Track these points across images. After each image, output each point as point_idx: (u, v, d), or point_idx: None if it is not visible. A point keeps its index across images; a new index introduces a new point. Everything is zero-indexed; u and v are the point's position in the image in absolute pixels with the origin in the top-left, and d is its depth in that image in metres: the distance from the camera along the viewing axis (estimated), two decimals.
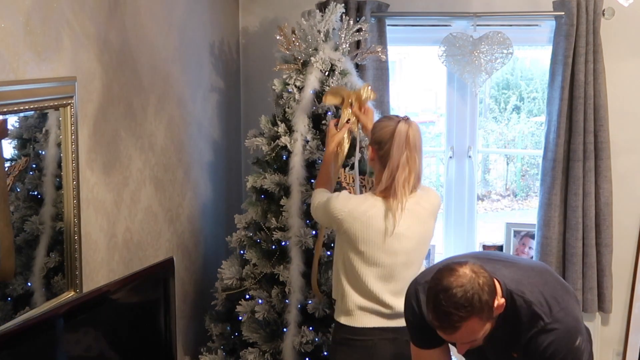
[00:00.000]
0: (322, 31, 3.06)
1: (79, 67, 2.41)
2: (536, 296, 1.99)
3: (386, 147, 2.39)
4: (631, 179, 3.64)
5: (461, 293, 1.84)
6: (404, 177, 2.37)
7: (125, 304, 2.48)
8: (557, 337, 1.97)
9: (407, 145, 2.37)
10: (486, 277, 1.89)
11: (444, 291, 1.85)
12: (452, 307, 1.84)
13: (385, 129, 2.41)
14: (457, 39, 3.58)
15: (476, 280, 1.86)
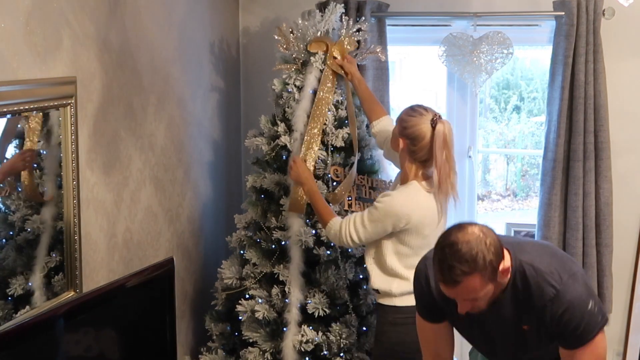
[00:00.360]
0: (321, 31, 3.06)
1: (79, 67, 2.41)
2: (545, 265, 2.01)
3: (421, 145, 2.52)
4: (631, 179, 3.64)
5: (466, 249, 1.87)
6: (445, 174, 2.51)
7: (125, 304, 2.48)
8: (571, 304, 1.98)
9: (446, 146, 2.51)
10: (494, 239, 1.93)
11: (449, 245, 1.90)
12: (455, 260, 1.87)
13: (419, 126, 2.52)
14: (457, 39, 3.58)
15: (483, 239, 1.89)
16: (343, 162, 3.02)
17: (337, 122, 3.04)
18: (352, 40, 3.07)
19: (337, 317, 3.00)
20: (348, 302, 2.99)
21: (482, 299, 1.97)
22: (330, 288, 2.96)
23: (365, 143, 3.10)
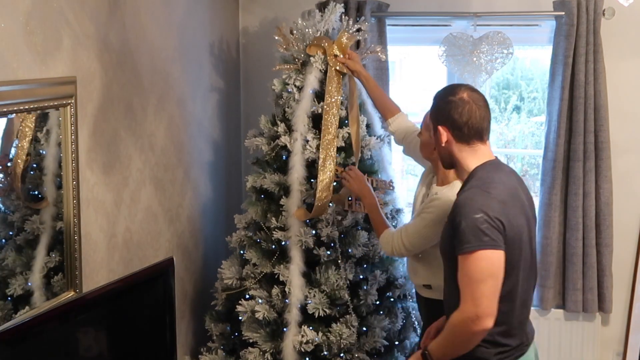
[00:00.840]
0: (321, 31, 3.05)
1: (79, 67, 2.41)
2: (488, 179, 2.16)
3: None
4: (631, 178, 3.64)
5: (443, 90, 2.26)
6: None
7: (125, 304, 2.48)
8: (461, 202, 2.10)
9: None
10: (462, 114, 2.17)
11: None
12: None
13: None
14: (457, 38, 3.58)
15: (463, 102, 2.17)
16: (343, 162, 3.02)
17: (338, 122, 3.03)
18: (350, 35, 3.04)
19: (337, 317, 3.00)
20: (348, 303, 2.99)
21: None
22: (331, 288, 2.95)
23: (365, 143, 3.09)
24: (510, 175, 2.25)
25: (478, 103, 2.19)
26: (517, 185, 2.23)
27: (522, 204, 2.20)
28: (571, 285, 3.59)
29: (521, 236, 2.13)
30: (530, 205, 2.28)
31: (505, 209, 2.09)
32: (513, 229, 2.10)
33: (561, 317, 3.70)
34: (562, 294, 3.66)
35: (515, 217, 2.12)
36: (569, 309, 3.62)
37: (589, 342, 3.70)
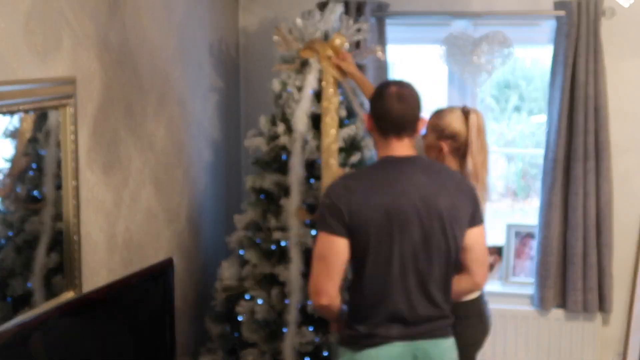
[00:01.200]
0: (321, 31, 3.05)
1: (78, 67, 2.40)
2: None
3: (462, 140, 2.63)
4: (632, 179, 3.64)
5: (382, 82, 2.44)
6: (479, 162, 2.62)
7: (125, 304, 2.48)
8: (332, 182, 2.40)
9: (480, 134, 2.63)
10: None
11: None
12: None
13: (455, 123, 2.63)
14: (458, 38, 3.58)
15: (386, 95, 2.27)
16: (343, 162, 3.02)
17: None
18: (343, 37, 3.01)
19: None
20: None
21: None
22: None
23: (365, 143, 3.09)
24: (407, 175, 2.25)
25: (402, 99, 2.25)
26: (411, 185, 2.23)
27: (400, 204, 2.19)
28: (571, 285, 3.58)
29: (371, 230, 2.18)
30: (431, 209, 2.22)
31: (353, 199, 2.19)
32: (360, 221, 2.18)
33: (561, 317, 3.70)
34: (563, 294, 3.66)
35: (370, 211, 2.18)
36: (569, 309, 3.62)
37: (589, 342, 3.70)
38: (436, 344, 2.28)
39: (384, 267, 2.21)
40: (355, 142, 3.08)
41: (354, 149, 3.07)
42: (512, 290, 3.82)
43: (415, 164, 2.29)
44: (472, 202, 2.32)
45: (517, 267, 3.87)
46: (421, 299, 2.25)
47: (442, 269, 2.26)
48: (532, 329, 3.75)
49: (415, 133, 2.31)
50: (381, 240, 2.19)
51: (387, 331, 2.24)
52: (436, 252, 2.24)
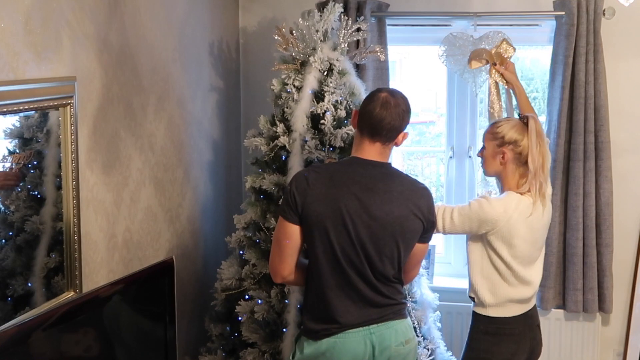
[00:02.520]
0: (320, 31, 3.05)
1: (78, 67, 2.40)
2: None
3: (523, 144, 2.66)
4: (632, 179, 3.64)
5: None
6: (538, 165, 2.64)
7: (125, 304, 2.48)
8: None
9: (540, 138, 2.66)
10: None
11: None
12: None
13: (513, 129, 2.67)
14: (458, 38, 3.57)
15: (375, 98, 2.41)
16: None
17: (337, 122, 3.03)
18: (508, 45, 3.15)
19: None
20: None
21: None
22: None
23: None
24: (367, 178, 2.36)
25: (387, 105, 2.37)
26: (367, 189, 2.34)
27: (352, 205, 2.32)
28: (571, 286, 3.58)
29: (320, 224, 2.32)
30: (382, 215, 2.34)
31: (309, 192, 2.33)
32: (311, 213, 2.32)
33: (561, 317, 3.70)
34: (563, 294, 3.66)
35: (321, 206, 2.32)
36: (569, 309, 3.62)
37: (589, 343, 3.70)
38: (388, 325, 2.42)
39: (332, 260, 2.36)
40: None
41: None
42: None
43: (379, 169, 2.41)
44: (430, 221, 2.45)
45: None
46: (370, 292, 2.39)
47: (391, 270, 2.41)
48: None
49: (391, 142, 2.42)
50: (329, 235, 2.33)
51: (341, 319, 2.37)
52: (386, 254, 2.37)
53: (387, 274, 2.40)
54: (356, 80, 3.13)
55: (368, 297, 2.39)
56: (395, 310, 2.45)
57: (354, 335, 2.38)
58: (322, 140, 3.00)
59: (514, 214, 2.62)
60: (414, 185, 2.46)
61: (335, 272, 2.37)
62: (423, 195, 2.44)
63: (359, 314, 2.39)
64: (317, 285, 2.41)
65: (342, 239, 2.34)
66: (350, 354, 2.37)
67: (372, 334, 2.39)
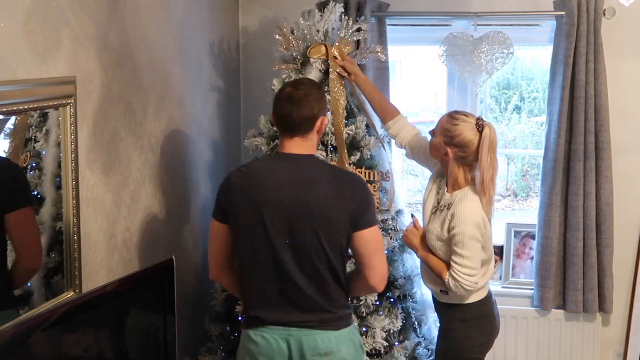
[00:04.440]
0: (321, 31, 3.05)
1: (78, 67, 2.40)
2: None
3: (470, 150, 2.62)
4: (632, 179, 3.64)
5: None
6: (488, 177, 2.61)
7: (125, 304, 2.48)
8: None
9: (492, 149, 2.61)
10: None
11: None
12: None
13: (466, 133, 2.61)
14: (458, 38, 3.58)
15: (281, 95, 2.40)
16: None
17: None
18: (347, 41, 3.08)
19: None
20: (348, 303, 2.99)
21: None
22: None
23: (365, 143, 3.09)
24: (287, 170, 2.35)
25: (292, 101, 2.35)
26: (286, 182, 2.34)
27: (269, 198, 2.32)
28: (571, 286, 3.58)
29: (240, 220, 2.35)
30: (302, 207, 2.31)
31: (231, 188, 2.38)
32: (232, 210, 2.36)
33: (561, 318, 3.70)
34: (563, 294, 3.66)
35: (240, 202, 2.35)
36: (569, 310, 3.62)
37: (589, 343, 3.70)
38: (310, 334, 2.37)
39: (253, 255, 2.37)
40: (355, 142, 3.07)
41: (353, 148, 3.07)
42: (512, 291, 3.82)
43: (301, 161, 2.38)
44: (357, 205, 2.34)
45: (517, 267, 3.87)
46: (293, 291, 2.36)
47: (316, 266, 2.35)
48: (532, 329, 3.75)
49: (309, 133, 2.39)
50: (249, 231, 2.35)
51: (263, 315, 2.39)
52: (306, 250, 2.33)
53: (316, 270, 2.35)
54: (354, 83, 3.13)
55: (292, 299, 2.36)
56: (322, 318, 2.38)
57: (272, 332, 2.38)
58: (322, 140, 3.00)
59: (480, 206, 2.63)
60: (338, 174, 2.43)
61: (260, 269, 2.37)
62: (347, 184, 2.37)
63: (279, 313, 2.37)
64: (245, 280, 2.44)
65: (262, 235, 2.33)
66: (268, 349, 2.38)
67: (290, 336, 2.37)
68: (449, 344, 2.75)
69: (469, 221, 2.58)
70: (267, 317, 2.39)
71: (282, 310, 2.38)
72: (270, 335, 2.39)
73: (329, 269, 2.37)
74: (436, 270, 2.69)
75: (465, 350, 2.72)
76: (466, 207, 2.61)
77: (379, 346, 2.99)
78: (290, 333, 2.37)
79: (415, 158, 3.01)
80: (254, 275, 2.40)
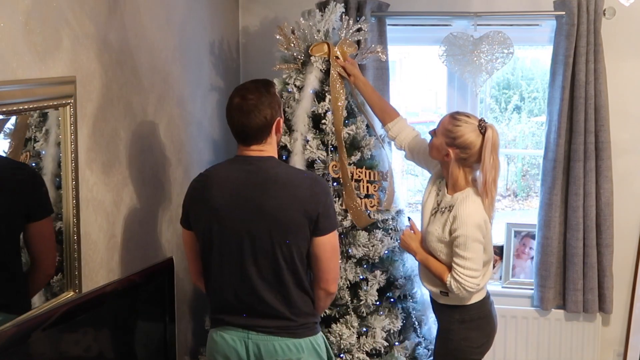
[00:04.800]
0: (321, 31, 3.05)
1: (78, 67, 2.40)
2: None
3: (472, 152, 2.61)
4: (632, 179, 3.64)
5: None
6: (490, 179, 2.60)
7: (125, 304, 2.48)
8: None
9: (494, 150, 2.60)
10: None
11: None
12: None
13: (468, 134, 2.60)
14: (458, 38, 3.58)
15: (230, 107, 2.38)
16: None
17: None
18: (350, 42, 3.09)
19: (337, 317, 3.00)
20: (348, 303, 2.99)
21: None
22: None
23: (366, 143, 3.09)
24: (245, 174, 2.33)
25: (243, 110, 2.31)
26: (241, 185, 2.31)
27: (224, 202, 2.30)
28: (572, 286, 3.58)
29: (199, 225, 2.36)
30: (257, 210, 2.28)
31: (193, 194, 2.39)
32: (192, 215, 2.39)
33: (561, 318, 3.70)
34: (563, 294, 3.66)
35: (199, 206, 2.36)
36: (569, 310, 3.62)
37: (589, 343, 3.69)
38: (268, 340, 2.35)
39: (212, 260, 2.38)
40: (355, 142, 3.07)
41: (353, 148, 3.07)
42: (512, 291, 3.82)
43: (258, 163, 2.34)
44: (316, 208, 2.29)
45: (517, 267, 3.87)
46: (250, 295, 2.34)
47: (275, 271, 2.30)
48: (532, 329, 3.75)
49: (267, 138, 2.36)
50: (206, 235, 2.35)
51: (224, 317, 2.40)
52: (264, 254, 2.29)
53: (276, 273, 2.30)
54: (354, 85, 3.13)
55: (251, 303, 2.34)
56: (281, 325, 2.35)
57: (232, 333, 2.38)
58: (323, 140, 3.01)
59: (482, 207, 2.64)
60: (296, 175, 2.37)
61: (221, 273, 2.36)
62: (303, 185, 2.31)
63: (239, 317, 2.37)
64: (208, 283, 2.44)
65: (219, 240, 2.32)
66: (225, 348, 2.38)
67: (249, 339, 2.36)
68: (448, 345, 2.76)
69: (471, 223, 2.58)
70: (227, 319, 2.39)
71: (242, 314, 2.37)
72: (229, 336, 2.39)
73: (290, 274, 2.32)
74: (437, 273, 2.69)
75: (465, 352, 2.72)
76: (468, 208, 2.61)
77: (379, 346, 2.99)
78: (249, 336, 2.36)
79: (415, 159, 3.00)
80: (215, 279, 2.39)
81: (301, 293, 2.37)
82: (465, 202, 2.62)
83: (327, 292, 2.42)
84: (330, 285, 2.40)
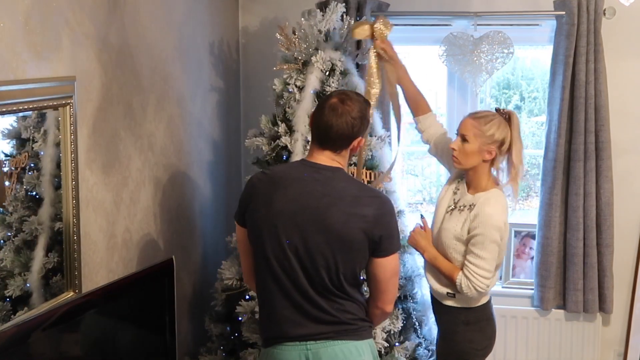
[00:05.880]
0: (322, 31, 3.05)
1: (78, 67, 2.40)
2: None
3: (507, 143, 2.63)
4: (632, 179, 3.64)
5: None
6: (520, 161, 2.65)
7: (125, 304, 2.48)
8: None
9: (519, 133, 2.65)
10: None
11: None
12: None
13: (502, 126, 2.62)
14: (458, 38, 3.57)
15: (324, 106, 2.26)
16: None
17: None
18: (386, 21, 2.88)
19: None
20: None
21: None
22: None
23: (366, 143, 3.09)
24: (310, 182, 2.22)
25: (336, 112, 2.21)
26: (306, 193, 2.21)
27: (287, 208, 2.19)
28: (572, 286, 3.58)
29: (256, 227, 2.25)
30: (319, 222, 2.19)
31: (253, 192, 2.28)
32: (250, 215, 2.27)
33: (562, 318, 3.70)
34: (563, 294, 3.65)
35: (258, 207, 2.24)
36: (569, 310, 3.62)
37: (589, 343, 3.69)
38: (326, 344, 2.23)
39: (266, 264, 2.24)
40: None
41: None
42: (512, 291, 3.82)
43: (325, 173, 2.24)
44: (378, 228, 2.21)
45: (517, 267, 3.86)
46: (307, 305, 2.23)
47: (329, 281, 2.21)
48: (532, 329, 3.74)
49: (343, 150, 2.26)
50: (264, 240, 2.22)
51: (279, 331, 2.26)
52: (317, 266, 2.19)
53: (327, 286, 2.21)
54: (358, 80, 3.13)
55: (306, 310, 2.22)
56: (339, 329, 2.24)
57: (289, 348, 2.24)
58: None
59: (506, 207, 2.66)
60: (362, 192, 2.25)
61: (273, 280, 2.23)
62: (370, 204, 2.22)
63: (295, 327, 2.24)
64: (260, 292, 2.32)
65: (275, 245, 2.20)
66: None
67: (308, 350, 2.23)
68: (453, 347, 2.74)
69: (491, 223, 2.57)
70: (283, 334, 2.25)
71: (298, 324, 2.24)
72: (288, 352, 2.24)
73: (340, 291, 2.24)
74: (446, 272, 2.66)
75: (469, 353, 2.71)
76: (491, 209, 2.59)
77: (379, 347, 2.99)
78: (307, 347, 2.23)
79: (438, 155, 2.97)
80: (267, 285, 2.26)
81: (356, 305, 2.29)
82: (489, 203, 2.60)
83: (384, 312, 2.35)
84: (386, 306, 2.33)
